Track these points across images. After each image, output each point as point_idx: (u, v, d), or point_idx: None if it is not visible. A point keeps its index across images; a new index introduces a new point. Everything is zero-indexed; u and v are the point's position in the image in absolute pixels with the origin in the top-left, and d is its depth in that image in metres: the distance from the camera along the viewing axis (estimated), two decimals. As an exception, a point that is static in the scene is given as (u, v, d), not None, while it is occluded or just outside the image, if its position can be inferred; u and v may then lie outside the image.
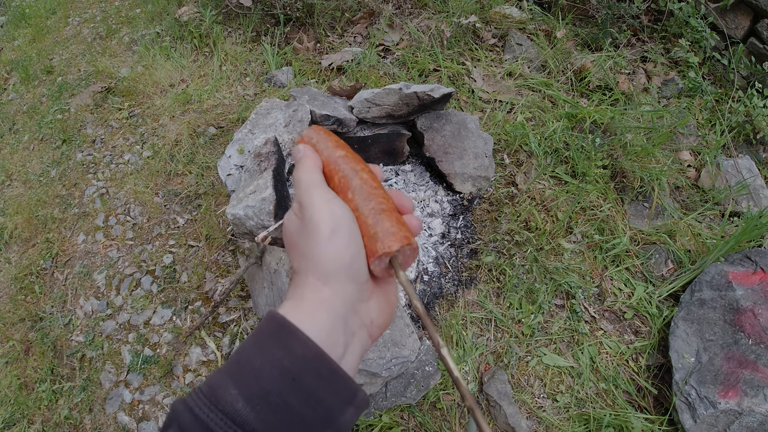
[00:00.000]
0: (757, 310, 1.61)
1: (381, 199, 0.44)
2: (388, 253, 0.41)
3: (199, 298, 1.90)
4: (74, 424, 1.72)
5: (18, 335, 1.96)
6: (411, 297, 0.41)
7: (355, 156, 0.47)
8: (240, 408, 0.33)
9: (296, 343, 0.36)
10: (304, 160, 0.46)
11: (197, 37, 2.81)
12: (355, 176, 0.45)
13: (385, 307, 0.45)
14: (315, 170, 0.45)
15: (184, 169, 2.28)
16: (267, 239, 1.38)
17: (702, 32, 2.51)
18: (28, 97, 3.04)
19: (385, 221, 0.42)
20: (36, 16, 3.80)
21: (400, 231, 0.42)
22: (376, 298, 0.44)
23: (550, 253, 1.86)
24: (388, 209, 0.43)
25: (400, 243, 0.41)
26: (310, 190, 0.43)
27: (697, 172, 2.22)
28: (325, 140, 0.48)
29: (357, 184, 0.44)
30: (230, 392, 0.33)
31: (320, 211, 0.41)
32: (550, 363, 1.65)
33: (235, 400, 0.33)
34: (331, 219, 0.41)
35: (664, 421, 1.54)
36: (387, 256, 0.41)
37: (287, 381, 0.34)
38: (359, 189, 0.44)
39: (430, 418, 1.55)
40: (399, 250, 0.41)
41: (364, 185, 0.44)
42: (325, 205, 0.41)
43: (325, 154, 0.47)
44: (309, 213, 0.41)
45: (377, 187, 0.45)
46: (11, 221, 2.32)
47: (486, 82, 2.46)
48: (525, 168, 2.11)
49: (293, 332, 0.36)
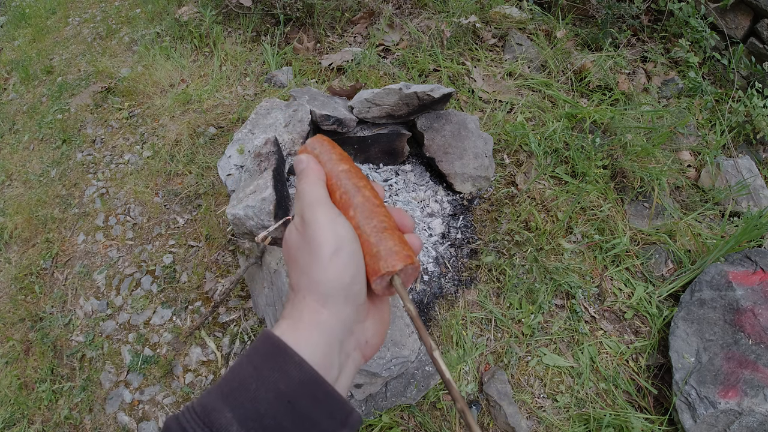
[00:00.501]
0: (757, 310, 1.61)
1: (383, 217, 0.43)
2: (391, 272, 0.41)
3: (199, 298, 1.91)
4: (74, 424, 1.72)
5: (18, 335, 1.96)
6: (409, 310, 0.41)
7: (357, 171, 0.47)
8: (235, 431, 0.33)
9: (292, 366, 0.35)
10: (308, 173, 0.45)
11: (197, 37, 2.81)
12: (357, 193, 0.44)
13: (379, 328, 0.44)
14: (319, 184, 0.44)
15: (184, 169, 2.28)
16: (267, 239, 1.38)
17: (702, 32, 2.51)
18: (28, 97, 3.04)
19: (387, 240, 0.42)
20: (36, 16, 3.80)
21: (403, 250, 0.42)
22: (372, 318, 0.44)
23: (550, 253, 1.86)
24: (390, 228, 0.43)
25: (403, 262, 0.41)
26: (314, 206, 0.42)
27: (697, 172, 2.22)
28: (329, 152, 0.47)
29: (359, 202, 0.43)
30: (225, 415, 0.33)
31: (324, 230, 0.40)
32: (550, 363, 1.65)
33: (230, 424, 0.33)
34: (335, 239, 0.40)
35: (664, 421, 1.54)
36: (390, 275, 0.41)
37: (282, 404, 0.34)
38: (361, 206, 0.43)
39: (430, 418, 1.55)
40: (402, 270, 0.41)
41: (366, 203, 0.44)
42: (330, 224, 0.41)
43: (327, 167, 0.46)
44: (312, 231, 0.40)
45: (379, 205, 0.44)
46: (11, 221, 2.32)
47: (486, 82, 2.46)
48: (525, 168, 2.11)
49: (290, 355, 0.36)
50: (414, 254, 0.43)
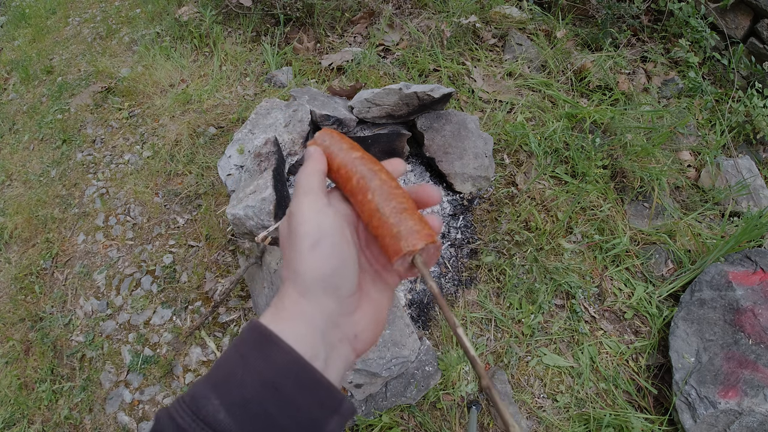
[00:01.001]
0: (757, 310, 1.61)
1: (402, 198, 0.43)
2: (413, 251, 0.40)
3: (199, 298, 1.91)
4: (74, 424, 1.72)
5: (18, 335, 1.96)
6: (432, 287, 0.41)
7: (370, 157, 0.47)
8: (222, 418, 0.33)
9: (278, 352, 0.36)
10: (308, 163, 0.44)
11: (197, 37, 2.81)
12: (374, 177, 0.44)
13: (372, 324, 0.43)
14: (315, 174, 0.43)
15: (184, 169, 2.28)
16: (267, 239, 1.38)
17: (702, 32, 2.51)
18: (28, 97, 3.04)
19: (408, 220, 0.41)
20: (36, 16, 3.80)
21: (424, 229, 0.41)
22: (363, 312, 0.43)
23: (550, 253, 1.86)
24: (410, 208, 0.43)
25: (424, 241, 0.40)
26: (301, 197, 0.42)
27: (697, 172, 2.22)
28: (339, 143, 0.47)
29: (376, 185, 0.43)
30: (212, 402, 0.34)
31: (306, 222, 0.40)
32: (550, 363, 1.65)
33: (217, 410, 0.33)
34: (316, 231, 0.39)
35: (664, 421, 1.54)
36: (411, 254, 0.41)
37: (268, 390, 0.34)
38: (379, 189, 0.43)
39: (430, 418, 1.55)
40: (423, 248, 0.41)
41: (383, 185, 0.44)
42: (314, 216, 0.40)
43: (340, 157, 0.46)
44: (295, 222, 0.40)
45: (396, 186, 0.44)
46: (11, 221, 2.32)
47: (486, 82, 2.46)
48: (525, 168, 2.11)
49: (275, 342, 0.36)
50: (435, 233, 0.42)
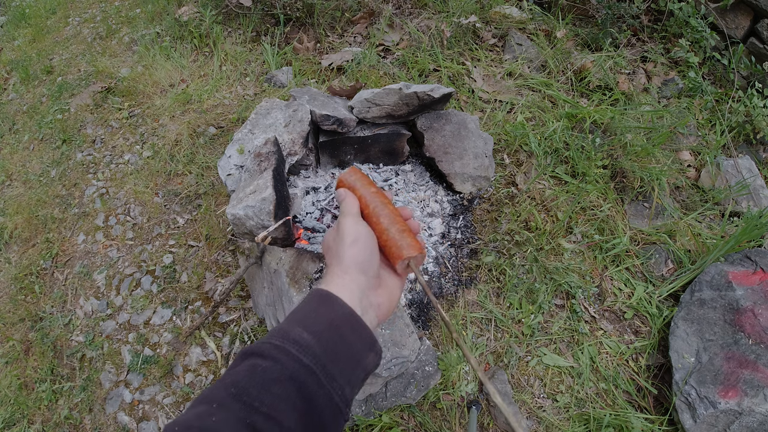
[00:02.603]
0: (757, 310, 1.61)
1: (402, 223, 0.68)
2: (409, 257, 0.65)
3: (199, 298, 1.91)
4: (74, 424, 1.72)
5: (18, 335, 1.96)
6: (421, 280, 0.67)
7: (380, 191, 0.73)
8: (306, 337, 0.51)
9: (338, 305, 0.55)
10: (348, 199, 0.71)
11: (197, 37, 2.81)
12: (384, 208, 0.69)
13: (387, 301, 0.64)
14: (353, 206, 0.70)
15: (184, 169, 2.28)
16: (267, 239, 1.38)
17: (702, 32, 2.51)
18: (28, 97, 3.04)
19: (406, 237, 0.66)
20: (36, 16, 3.80)
21: (416, 243, 0.66)
22: (382, 291, 0.64)
23: (550, 253, 1.86)
24: (406, 230, 0.67)
25: (417, 251, 0.65)
26: (347, 216, 0.67)
27: (697, 172, 2.22)
28: (361, 180, 0.74)
29: (386, 213, 0.69)
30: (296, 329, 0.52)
31: (349, 228, 0.65)
32: (550, 363, 1.65)
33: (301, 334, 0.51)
34: (355, 234, 0.64)
35: (664, 421, 1.54)
36: (408, 259, 0.65)
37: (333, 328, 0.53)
38: (387, 216, 0.68)
39: (430, 418, 1.55)
40: (416, 256, 0.65)
41: (390, 214, 0.68)
42: (353, 226, 0.65)
43: (361, 191, 0.72)
44: (342, 228, 0.65)
45: (398, 214, 0.69)
46: (11, 221, 2.32)
47: (486, 82, 2.46)
48: (525, 168, 2.11)
49: (334, 299, 0.56)
50: (422, 247, 0.67)
